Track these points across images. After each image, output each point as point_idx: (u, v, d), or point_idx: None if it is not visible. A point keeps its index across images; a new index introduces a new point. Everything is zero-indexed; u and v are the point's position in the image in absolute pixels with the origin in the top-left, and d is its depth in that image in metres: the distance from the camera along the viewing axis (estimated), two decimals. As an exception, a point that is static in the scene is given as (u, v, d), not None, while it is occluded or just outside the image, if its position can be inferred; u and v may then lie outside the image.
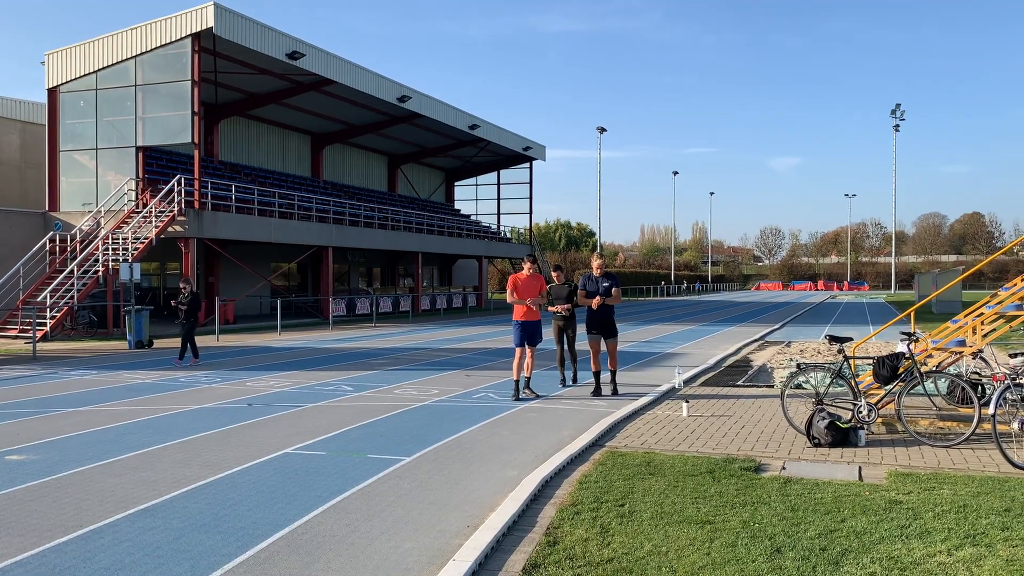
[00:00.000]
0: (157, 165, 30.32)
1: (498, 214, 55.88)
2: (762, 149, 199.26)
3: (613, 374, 11.91)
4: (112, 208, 27.89)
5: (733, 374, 14.18)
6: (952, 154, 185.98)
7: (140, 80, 27.77)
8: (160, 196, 26.36)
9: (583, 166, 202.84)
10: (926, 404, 9.49)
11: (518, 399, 11.30)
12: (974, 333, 9.84)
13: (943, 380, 9.64)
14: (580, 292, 11.88)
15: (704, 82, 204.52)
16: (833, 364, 9.30)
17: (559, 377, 12.97)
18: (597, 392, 11.71)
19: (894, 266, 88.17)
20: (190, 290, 16.72)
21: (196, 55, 26.66)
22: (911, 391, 8.49)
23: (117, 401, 11.40)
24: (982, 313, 10.33)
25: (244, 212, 29.74)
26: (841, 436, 7.92)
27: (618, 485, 6.50)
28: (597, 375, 11.82)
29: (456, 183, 57.43)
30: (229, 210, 28.92)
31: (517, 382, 11.43)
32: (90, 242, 25.98)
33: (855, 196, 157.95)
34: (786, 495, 6.19)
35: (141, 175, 28.22)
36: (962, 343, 9.76)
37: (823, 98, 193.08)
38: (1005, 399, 7.46)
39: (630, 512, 5.77)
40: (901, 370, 8.46)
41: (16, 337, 22.58)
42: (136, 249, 24.83)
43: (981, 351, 9.65)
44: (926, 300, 15.34)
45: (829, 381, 9.06)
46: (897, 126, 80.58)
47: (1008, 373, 7.99)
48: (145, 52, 27.41)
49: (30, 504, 6.19)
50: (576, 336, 13.12)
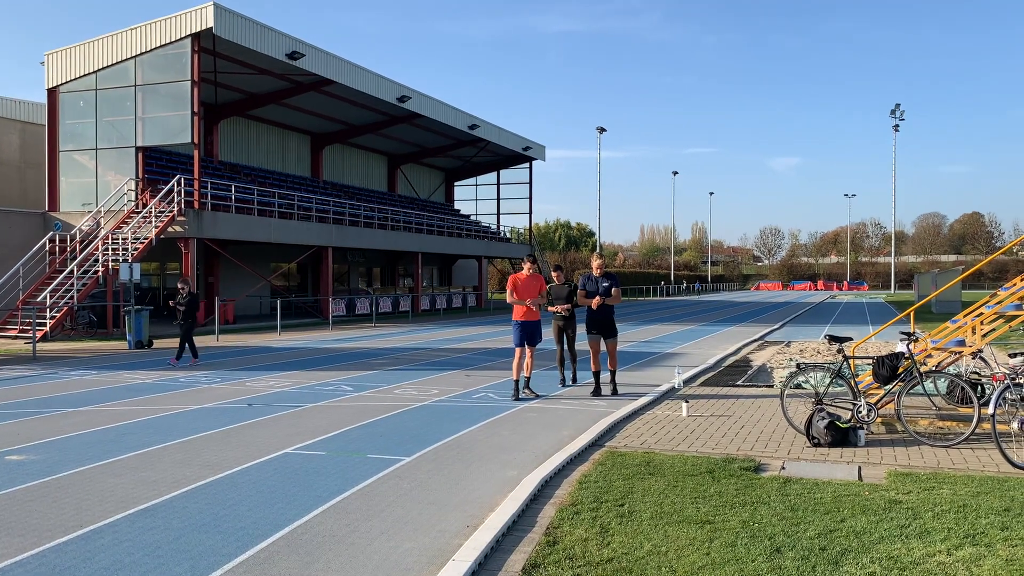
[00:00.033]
0: (157, 165, 30.34)
1: (498, 214, 55.90)
2: (762, 149, 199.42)
3: (613, 374, 11.92)
4: (112, 208, 27.90)
5: (733, 374, 14.19)
6: (952, 154, 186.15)
7: (140, 80, 27.78)
8: (160, 196, 26.37)
9: (583, 166, 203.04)
10: (926, 404, 9.50)
11: (518, 399, 11.31)
12: (973, 333, 9.85)
13: (943, 380, 9.65)
14: (580, 292, 11.89)
15: (704, 82, 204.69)
16: (833, 364, 9.31)
17: (559, 377, 12.98)
18: (597, 392, 11.71)
19: (893, 266, 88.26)
20: (188, 290, 16.53)
21: (196, 55, 26.67)
22: (911, 391, 8.50)
23: (117, 401, 11.40)
24: (981, 313, 10.34)
25: (244, 212, 29.75)
26: (841, 436, 7.93)
27: (618, 485, 6.51)
28: (597, 375, 11.83)
29: (456, 183, 57.44)
30: (229, 210, 28.93)
31: (517, 382, 11.44)
32: (90, 242, 25.99)
33: (855, 196, 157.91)
34: (786, 495, 6.20)
35: (141, 175, 28.23)
36: (961, 343, 9.77)
37: (823, 98, 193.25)
38: (1004, 399, 7.47)
39: (630, 512, 5.77)
40: (901, 370, 8.46)
41: (16, 337, 22.59)
42: (136, 249, 24.83)
43: (980, 351, 9.66)
44: (926, 300, 15.37)
45: (829, 381, 9.07)
46: (897, 126, 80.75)
47: (1007, 373, 7.99)
48: (145, 52, 27.42)
49: (30, 504, 6.19)
50: (576, 336, 13.12)
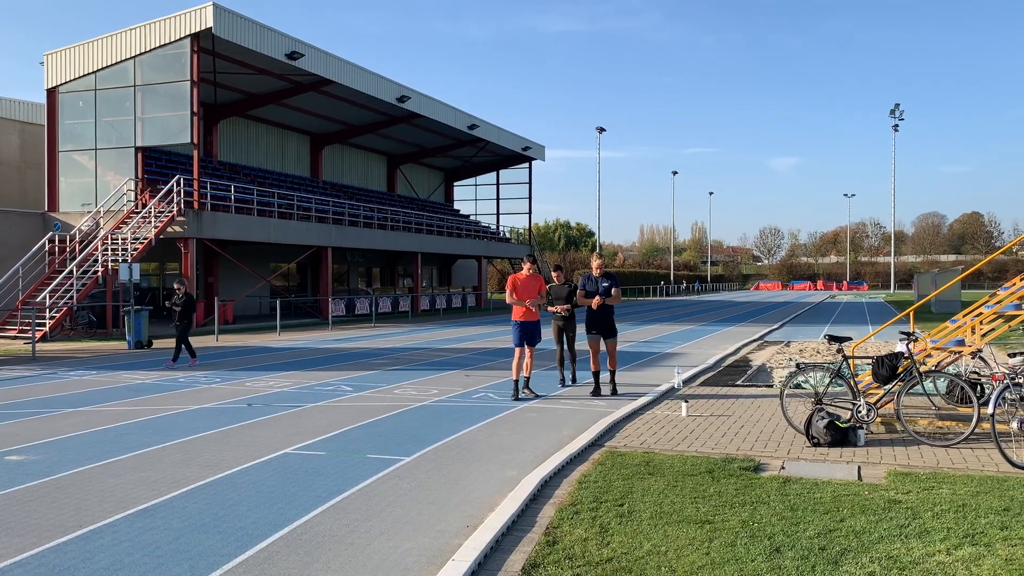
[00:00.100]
0: (156, 165, 30.34)
1: (497, 214, 55.91)
2: (762, 149, 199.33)
3: (612, 374, 11.92)
4: (111, 208, 27.89)
5: (732, 374, 14.19)
6: (951, 154, 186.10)
7: (139, 80, 27.77)
8: (159, 196, 26.36)
9: (583, 166, 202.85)
10: (925, 404, 9.51)
11: (517, 399, 11.31)
12: (973, 333, 9.85)
13: (942, 380, 9.65)
14: (580, 292, 11.88)
15: (704, 82, 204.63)
16: (832, 364, 9.32)
17: (558, 377, 12.98)
18: (596, 392, 11.71)
19: (893, 266, 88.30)
20: (184, 291, 16.29)
21: (195, 55, 26.67)
22: (910, 391, 8.50)
23: (117, 401, 11.40)
24: (981, 313, 10.34)
25: (243, 212, 29.74)
26: (840, 436, 7.93)
27: (617, 485, 6.51)
28: (596, 375, 11.83)
29: (455, 183, 57.44)
30: (228, 210, 28.92)
31: (516, 382, 11.44)
32: (89, 242, 25.98)
33: (854, 196, 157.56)
34: (785, 495, 6.20)
35: (140, 175, 28.22)
36: (961, 343, 9.77)
37: (822, 98, 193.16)
38: (1004, 398, 7.47)
39: (629, 512, 5.77)
40: (900, 370, 8.46)
41: (15, 337, 22.58)
42: (135, 249, 24.82)
43: (980, 351, 9.66)
44: (925, 300, 15.38)
45: (828, 381, 9.08)
46: (896, 126, 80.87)
47: (1007, 372, 7.98)
48: (144, 52, 27.42)
49: (30, 504, 6.19)
50: (576, 336, 13.12)
